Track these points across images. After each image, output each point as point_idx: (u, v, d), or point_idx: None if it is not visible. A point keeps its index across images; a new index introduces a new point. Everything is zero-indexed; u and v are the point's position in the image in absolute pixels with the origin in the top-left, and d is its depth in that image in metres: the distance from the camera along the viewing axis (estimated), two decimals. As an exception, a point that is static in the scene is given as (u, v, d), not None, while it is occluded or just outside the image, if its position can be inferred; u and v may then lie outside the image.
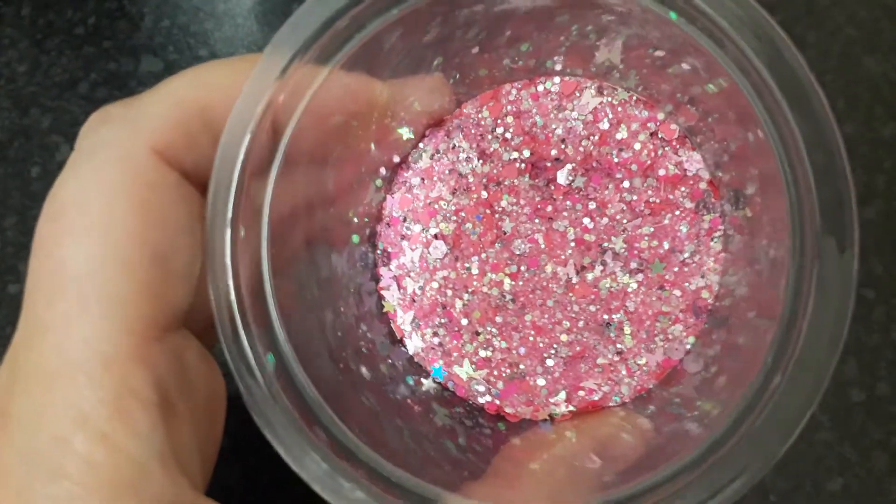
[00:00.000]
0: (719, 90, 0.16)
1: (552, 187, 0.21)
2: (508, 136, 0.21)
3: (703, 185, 0.20)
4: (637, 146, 0.20)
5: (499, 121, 0.21)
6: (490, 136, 0.21)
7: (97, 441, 0.13)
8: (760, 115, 0.13)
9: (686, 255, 0.20)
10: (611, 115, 0.20)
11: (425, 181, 0.21)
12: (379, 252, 0.22)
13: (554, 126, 0.21)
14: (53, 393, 0.14)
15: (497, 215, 0.21)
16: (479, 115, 0.21)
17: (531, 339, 0.20)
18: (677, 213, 0.20)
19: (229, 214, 0.15)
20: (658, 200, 0.20)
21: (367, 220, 0.22)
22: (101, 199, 0.15)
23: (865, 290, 0.25)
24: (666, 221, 0.20)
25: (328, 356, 0.19)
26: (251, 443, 0.18)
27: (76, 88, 0.29)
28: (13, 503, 0.13)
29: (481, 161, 0.21)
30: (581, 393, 0.20)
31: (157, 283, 0.15)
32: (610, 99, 0.20)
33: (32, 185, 0.29)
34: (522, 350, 0.20)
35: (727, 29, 0.13)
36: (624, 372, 0.20)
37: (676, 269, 0.20)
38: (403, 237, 0.21)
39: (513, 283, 0.20)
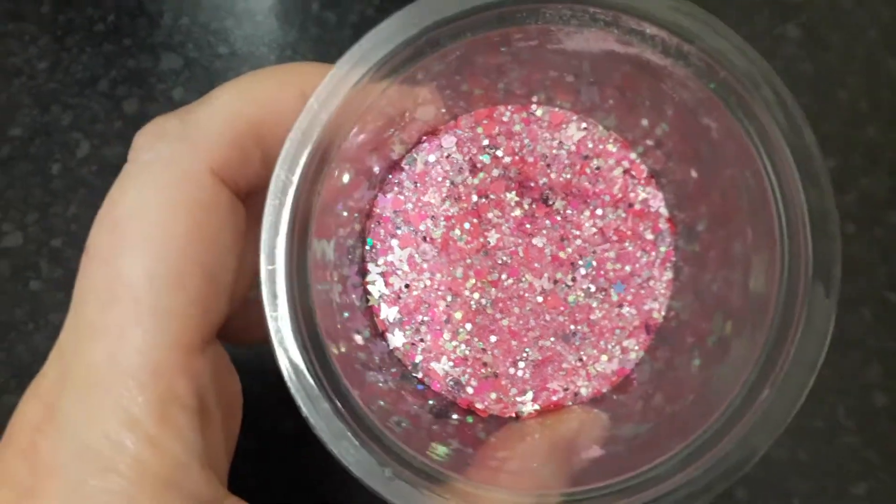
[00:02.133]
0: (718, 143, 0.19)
1: (535, 206, 0.23)
2: (500, 154, 0.23)
3: (662, 222, 0.23)
4: (611, 180, 0.23)
5: (491, 139, 0.23)
6: (482, 152, 0.23)
7: (145, 442, 0.14)
8: (770, 183, 0.16)
9: (642, 279, 0.23)
10: (591, 148, 0.23)
11: (418, 185, 0.23)
12: (368, 248, 0.22)
13: (541, 151, 0.23)
14: (106, 396, 0.14)
15: (483, 226, 0.23)
16: (475, 131, 0.23)
17: (506, 342, 0.22)
18: (639, 242, 0.23)
19: (287, 226, 0.16)
20: (624, 229, 0.23)
21: (356, 215, 0.22)
22: (161, 215, 0.15)
23: (890, 294, 0.26)
24: (629, 248, 0.23)
25: (334, 346, 0.19)
26: (260, 444, 0.19)
27: (96, 85, 0.29)
28: (68, 494, 0.14)
29: (472, 174, 0.23)
30: (545, 393, 0.22)
31: (205, 300, 0.16)
32: (592, 134, 0.23)
33: (53, 182, 0.28)
34: (497, 352, 0.22)
35: (759, 104, 0.16)
36: (584, 376, 0.22)
37: (634, 290, 0.23)
38: (393, 236, 0.22)
39: (494, 289, 0.22)
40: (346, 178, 0.20)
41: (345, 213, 0.22)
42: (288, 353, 0.15)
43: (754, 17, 0.30)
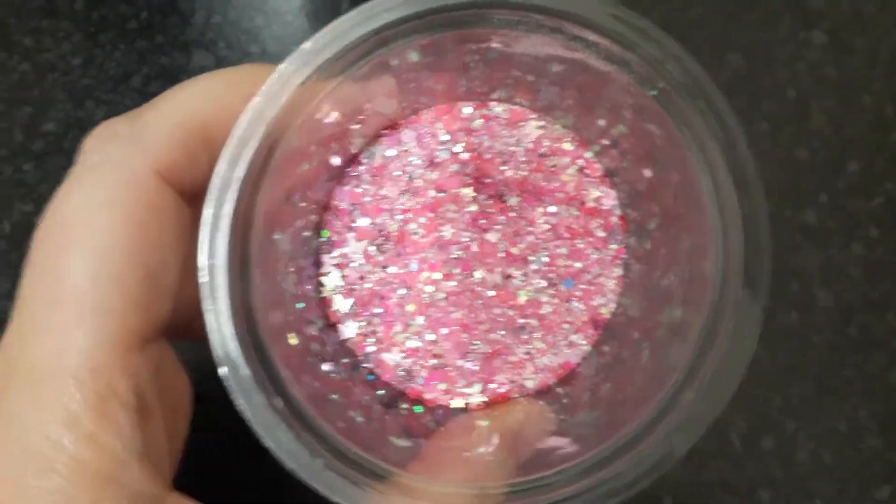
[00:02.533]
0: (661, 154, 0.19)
1: (490, 202, 0.23)
2: (458, 150, 0.23)
3: (614, 219, 0.23)
4: (565, 178, 0.23)
5: (451, 134, 0.23)
6: (441, 147, 0.23)
7: (84, 440, 0.15)
8: (706, 191, 0.17)
9: (592, 275, 0.23)
10: (548, 146, 0.23)
11: (376, 178, 0.23)
12: (323, 239, 0.23)
13: (499, 148, 0.23)
14: (46, 395, 0.15)
15: (439, 220, 0.23)
16: (434, 126, 0.23)
17: (457, 335, 0.23)
18: (590, 239, 0.23)
19: (228, 222, 0.16)
20: (577, 227, 0.23)
21: (313, 206, 0.23)
22: (105, 217, 0.16)
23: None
24: (580, 245, 0.23)
25: (282, 337, 0.20)
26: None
27: (129, 82, 0.30)
28: (10, 493, 0.14)
29: (430, 168, 0.23)
30: (493, 385, 0.23)
31: (146, 300, 0.16)
32: (549, 132, 0.23)
33: (87, 175, 0.28)
34: (448, 344, 0.23)
35: (694, 113, 0.16)
36: (531, 370, 0.23)
37: (584, 286, 0.23)
38: (350, 228, 0.23)
39: (447, 283, 0.23)
40: (303, 168, 0.21)
41: (303, 205, 0.22)
42: (225, 346, 0.16)
43: (778, 22, 0.30)
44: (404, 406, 0.23)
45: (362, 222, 0.23)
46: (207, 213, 0.16)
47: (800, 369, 0.28)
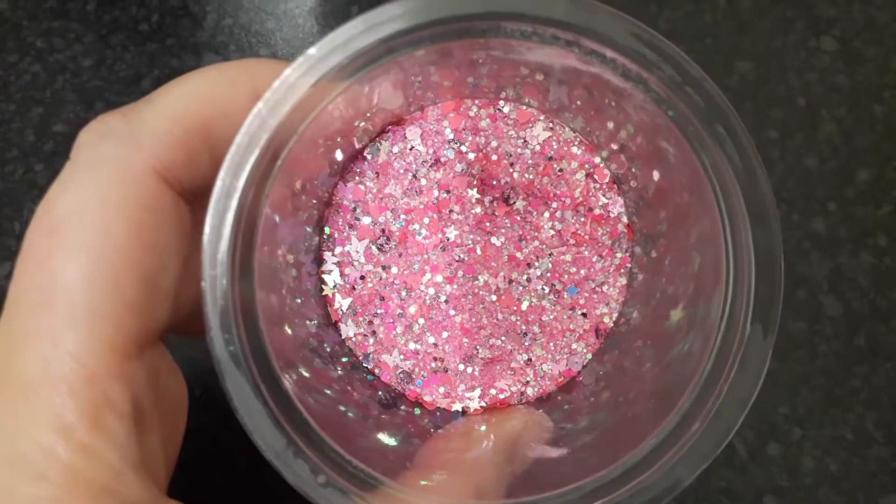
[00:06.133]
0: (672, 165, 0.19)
1: (495, 205, 0.23)
2: (464, 149, 0.23)
3: (620, 227, 0.23)
4: (573, 183, 0.23)
5: (457, 133, 0.23)
6: (446, 146, 0.22)
7: (78, 449, 0.14)
8: (719, 221, 0.16)
9: (596, 284, 0.23)
10: (556, 149, 0.23)
11: (380, 176, 0.22)
12: (325, 236, 0.22)
13: (505, 149, 0.23)
14: (37, 402, 0.14)
15: (443, 221, 0.22)
16: (440, 124, 0.22)
17: (458, 338, 0.22)
18: (596, 247, 0.23)
19: (230, 232, 0.16)
20: (582, 233, 0.23)
21: (314, 202, 0.22)
22: (99, 217, 0.15)
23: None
24: (585, 253, 0.23)
25: (277, 335, 0.19)
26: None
27: (140, 84, 0.30)
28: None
29: (435, 167, 0.22)
30: (493, 391, 0.23)
31: (142, 304, 0.16)
32: (558, 135, 0.23)
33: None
34: (448, 347, 0.22)
35: (712, 139, 0.16)
36: (531, 376, 0.23)
37: (587, 294, 0.23)
38: (351, 226, 0.22)
39: (449, 286, 0.22)
40: (306, 166, 0.20)
41: (303, 198, 0.22)
42: (223, 355, 0.16)
43: (789, 30, 0.30)
44: (403, 408, 0.22)
45: (364, 221, 0.22)
46: (209, 223, 0.16)
47: (807, 378, 0.28)
